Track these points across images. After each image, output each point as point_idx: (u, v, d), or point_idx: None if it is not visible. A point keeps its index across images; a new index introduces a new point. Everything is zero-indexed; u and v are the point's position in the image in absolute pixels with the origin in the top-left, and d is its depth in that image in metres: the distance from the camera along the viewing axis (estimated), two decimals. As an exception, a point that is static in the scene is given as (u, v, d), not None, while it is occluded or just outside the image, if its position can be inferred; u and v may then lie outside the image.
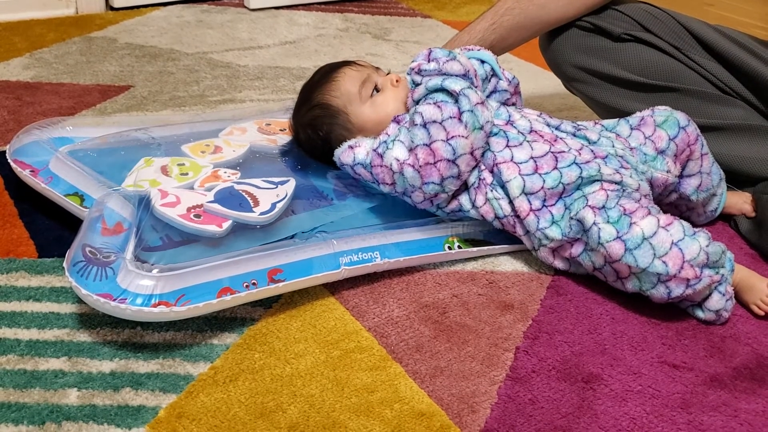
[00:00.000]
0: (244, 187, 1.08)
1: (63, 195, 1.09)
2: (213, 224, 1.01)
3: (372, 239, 1.05)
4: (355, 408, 0.85)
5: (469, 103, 1.04)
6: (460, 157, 1.03)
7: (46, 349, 0.91)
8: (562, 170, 1.05)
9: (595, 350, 0.96)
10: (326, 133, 1.14)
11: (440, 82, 1.06)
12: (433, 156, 1.03)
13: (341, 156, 1.11)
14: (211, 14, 2.13)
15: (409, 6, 2.32)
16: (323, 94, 1.14)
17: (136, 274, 0.91)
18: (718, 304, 1.00)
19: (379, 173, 1.08)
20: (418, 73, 1.10)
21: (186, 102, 1.57)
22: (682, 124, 1.14)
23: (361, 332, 0.97)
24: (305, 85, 1.18)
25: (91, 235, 0.97)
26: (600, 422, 0.85)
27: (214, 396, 0.86)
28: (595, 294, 1.06)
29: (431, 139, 1.03)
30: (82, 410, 0.83)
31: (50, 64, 1.72)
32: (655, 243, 0.97)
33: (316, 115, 1.14)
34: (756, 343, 0.98)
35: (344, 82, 1.13)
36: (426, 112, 1.04)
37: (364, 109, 1.12)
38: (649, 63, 1.27)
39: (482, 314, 1.01)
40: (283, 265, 0.98)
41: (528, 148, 1.07)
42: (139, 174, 1.12)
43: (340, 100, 1.12)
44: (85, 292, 0.89)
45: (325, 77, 1.15)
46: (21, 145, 1.20)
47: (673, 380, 0.92)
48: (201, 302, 0.91)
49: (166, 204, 1.03)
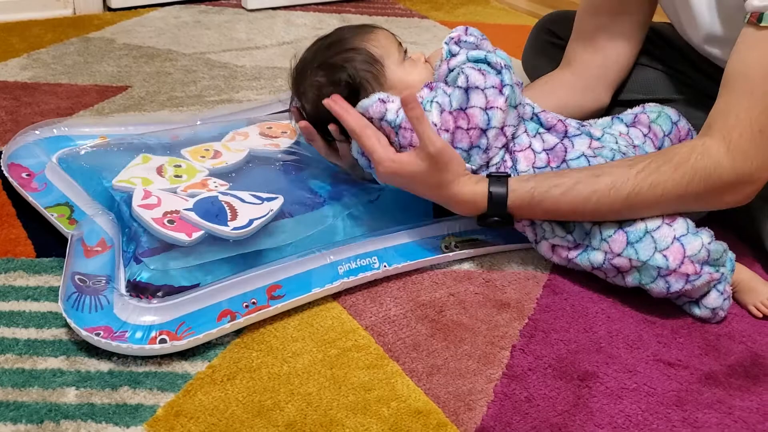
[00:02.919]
0: (228, 199, 1.06)
1: (53, 204, 1.09)
2: (183, 232, 0.99)
3: (369, 245, 1.05)
4: (352, 406, 0.86)
5: (510, 79, 1.05)
6: (492, 129, 1.03)
7: (44, 348, 0.91)
8: (570, 162, 1.07)
9: (590, 348, 0.96)
10: (357, 79, 1.08)
11: (483, 54, 1.06)
12: (467, 121, 1.03)
13: (370, 107, 1.05)
14: (209, 15, 2.14)
15: (406, 7, 2.33)
16: (363, 40, 1.10)
17: (134, 307, 0.90)
18: (715, 303, 1.00)
19: (405, 136, 1.04)
20: (456, 44, 1.09)
21: (183, 102, 1.57)
22: (674, 119, 1.15)
23: (358, 331, 0.97)
24: (330, 35, 1.13)
25: (77, 261, 0.97)
26: (595, 420, 0.86)
27: (212, 394, 0.86)
28: (591, 293, 1.06)
29: (469, 104, 1.03)
30: (80, 409, 0.83)
31: (48, 65, 1.72)
32: (657, 236, 0.98)
33: (350, 57, 1.09)
34: (750, 341, 0.99)
35: (384, 37, 1.11)
36: (472, 76, 1.03)
37: (399, 68, 1.09)
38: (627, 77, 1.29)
39: (479, 313, 1.01)
40: (282, 281, 0.97)
41: (540, 140, 1.08)
42: (133, 171, 1.11)
43: (380, 50, 1.09)
44: (85, 333, 0.88)
45: (362, 29, 1.12)
46: (18, 147, 1.20)
47: (669, 378, 0.92)
48: (201, 333, 0.91)
49: (145, 205, 1.03)
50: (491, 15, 2.31)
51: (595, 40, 1.24)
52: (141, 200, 1.04)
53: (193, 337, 0.90)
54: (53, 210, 1.09)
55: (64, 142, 1.23)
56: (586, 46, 1.25)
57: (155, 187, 1.08)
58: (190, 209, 1.03)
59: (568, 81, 1.26)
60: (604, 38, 1.23)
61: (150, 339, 0.88)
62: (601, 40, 1.24)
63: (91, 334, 0.88)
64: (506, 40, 1.11)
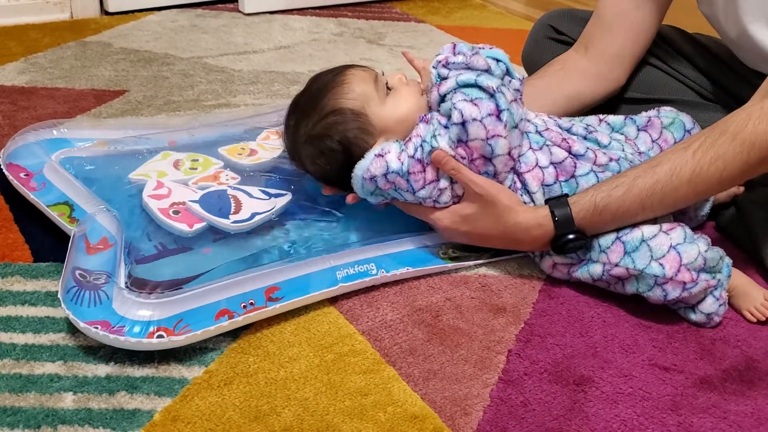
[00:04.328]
0: (236, 193, 1.08)
1: (53, 203, 1.09)
2: (185, 223, 1.02)
3: (368, 252, 1.06)
4: (348, 411, 0.86)
5: (506, 102, 1.01)
6: (498, 157, 1.02)
7: (42, 353, 0.91)
8: (579, 179, 1.06)
9: (586, 353, 0.97)
10: (347, 142, 1.04)
11: (473, 77, 1.01)
12: (470, 153, 1.02)
13: (371, 167, 1.02)
14: (206, 19, 2.14)
15: (403, 11, 2.33)
16: (335, 98, 1.04)
17: (132, 301, 0.91)
18: (711, 308, 1.01)
19: (418, 179, 1.02)
20: (445, 66, 1.04)
21: (181, 106, 1.58)
22: (688, 126, 1.15)
23: (354, 336, 0.97)
24: (305, 97, 1.08)
25: (78, 257, 0.98)
26: (591, 424, 0.86)
27: (208, 399, 0.86)
28: (587, 297, 1.07)
29: (469, 137, 1.00)
30: (77, 414, 0.83)
31: (45, 69, 1.72)
32: (653, 245, 0.99)
33: (331, 123, 1.03)
34: (745, 345, 0.99)
35: (356, 83, 1.04)
36: (465, 110, 0.99)
37: (384, 108, 1.04)
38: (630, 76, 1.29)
39: (475, 317, 1.02)
40: (280, 283, 0.98)
41: (548, 152, 1.07)
42: (150, 165, 1.14)
43: (357, 101, 1.03)
44: (83, 325, 0.89)
45: (332, 82, 1.05)
46: (16, 148, 1.20)
47: (664, 382, 0.93)
48: (199, 329, 0.91)
49: (155, 195, 1.05)
50: (488, 19, 2.32)
51: (615, 27, 1.23)
52: (152, 190, 1.06)
53: (190, 333, 0.90)
54: (53, 209, 1.09)
55: (63, 144, 1.23)
56: (605, 32, 1.24)
57: (168, 179, 1.10)
58: (195, 201, 1.05)
59: (583, 68, 1.25)
60: (624, 25, 1.23)
61: (148, 334, 0.89)
62: (621, 28, 1.23)
63: (89, 327, 0.88)
64: (503, 44, 1.10)
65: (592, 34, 1.26)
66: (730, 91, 1.25)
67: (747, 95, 1.22)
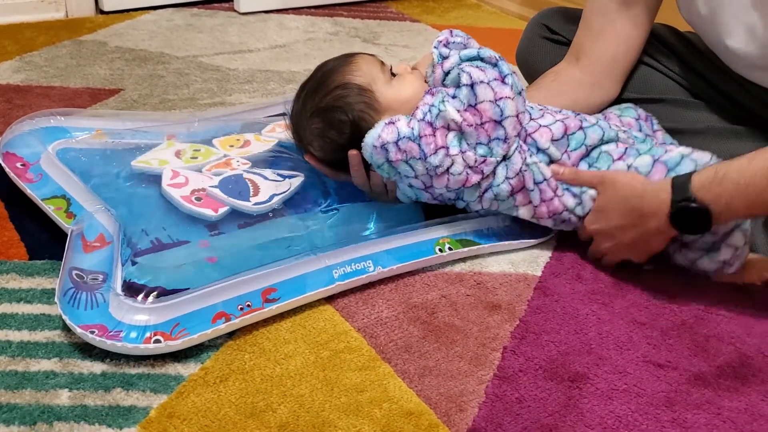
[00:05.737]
0: (251, 177, 1.12)
1: (49, 197, 1.09)
2: (210, 208, 1.05)
3: (364, 249, 1.06)
4: (344, 407, 0.86)
5: (508, 68, 1.05)
6: (507, 119, 1.03)
7: (37, 350, 0.91)
8: (587, 130, 1.10)
9: (581, 350, 0.97)
10: (354, 116, 1.06)
11: (476, 51, 1.06)
12: (480, 116, 1.03)
13: (382, 133, 1.02)
14: (201, 18, 2.14)
15: (398, 10, 2.34)
16: (344, 74, 1.08)
17: (129, 306, 0.91)
18: (728, 253, 1.03)
19: (429, 143, 1.03)
20: (445, 46, 1.09)
21: (176, 105, 1.58)
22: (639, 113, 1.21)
23: (350, 333, 0.97)
24: (312, 81, 1.11)
25: (75, 256, 0.98)
26: (586, 420, 0.86)
27: (204, 396, 0.86)
28: (582, 294, 1.07)
29: (478, 99, 1.02)
30: (73, 410, 0.83)
31: (40, 68, 1.72)
32: (696, 157, 1.03)
33: (339, 95, 1.07)
34: (739, 342, 1.00)
35: (364, 63, 1.09)
36: (473, 73, 1.02)
37: (390, 89, 1.08)
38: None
39: (470, 314, 1.02)
40: (277, 284, 0.98)
41: (551, 116, 1.11)
42: (154, 153, 1.16)
43: (365, 78, 1.07)
44: (80, 330, 0.88)
45: (341, 62, 1.10)
46: (13, 136, 1.19)
47: (658, 379, 0.93)
48: (196, 333, 0.91)
49: (174, 185, 1.08)
50: (482, 18, 2.32)
51: (604, 35, 1.23)
52: (170, 180, 1.09)
53: (188, 337, 0.90)
54: (50, 202, 1.09)
55: (60, 134, 1.22)
56: (594, 41, 1.24)
57: (177, 167, 1.13)
58: (215, 186, 1.08)
59: (576, 78, 1.25)
60: (613, 32, 1.23)
61: (144, 339, 0.89)
62: (611, 35, 1.23)
63: (86, 332, 0.88)
64: (497, 44, 1.11)
65: (582, 44, 1.25)
66: (720, 89, 1.25)
67: (737, 93, 1.22)
